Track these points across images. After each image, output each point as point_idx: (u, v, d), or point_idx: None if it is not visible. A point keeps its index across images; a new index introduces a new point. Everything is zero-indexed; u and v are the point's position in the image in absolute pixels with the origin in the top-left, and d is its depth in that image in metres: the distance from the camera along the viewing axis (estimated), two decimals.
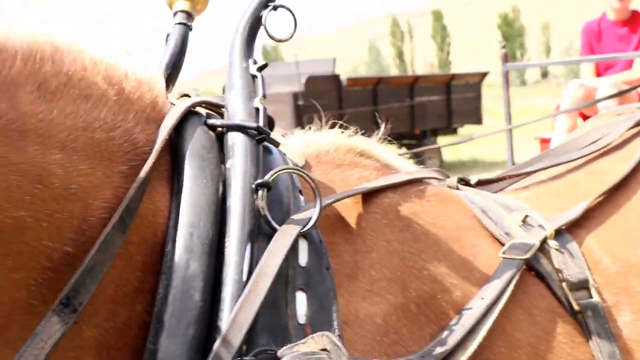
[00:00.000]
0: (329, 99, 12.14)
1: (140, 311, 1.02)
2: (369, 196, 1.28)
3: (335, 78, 12.96)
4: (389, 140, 1.46)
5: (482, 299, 1.22)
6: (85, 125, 1.01)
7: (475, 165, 14.43)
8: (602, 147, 1.70)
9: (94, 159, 1.00)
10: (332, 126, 1.40)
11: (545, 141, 6.20)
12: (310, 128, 1.40)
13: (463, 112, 14.91)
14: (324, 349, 0.99)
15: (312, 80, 12.20)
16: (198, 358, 0.99)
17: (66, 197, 0.97)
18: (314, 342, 1.00)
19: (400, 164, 1.42)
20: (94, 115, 1.02)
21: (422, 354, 1.13)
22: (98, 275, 0.96)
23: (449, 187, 1.47)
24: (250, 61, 1.24)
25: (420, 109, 13.97)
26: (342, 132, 1.39)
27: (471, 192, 1.49)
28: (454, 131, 15.29)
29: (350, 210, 1.24)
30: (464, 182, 1.56)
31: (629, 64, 5.43)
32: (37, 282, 0.95)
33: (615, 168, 1.61)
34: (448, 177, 1.50)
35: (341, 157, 1.34)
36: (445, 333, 1.17)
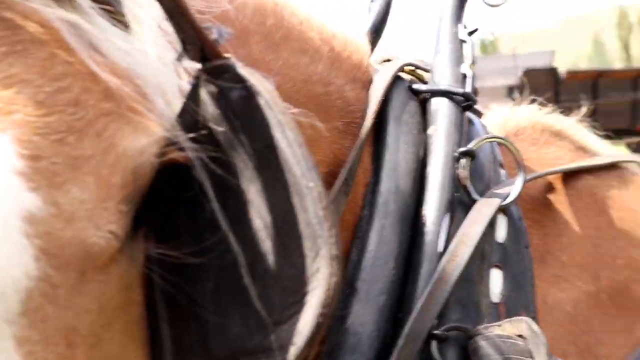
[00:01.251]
0: (547, 92, 11.73)
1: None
2: (564, 177, 1.20)
3: (553, 71, 12.54)
4: (606, 136, 1.39)
5: None
6: (306, 78, 1.00)
7: None
8: None
9: (314, 112, 0.97)
10: None
11: None
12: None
13: None
14: (521, 335, 0.92)
15: (529, 74, 11.91)
16: (387, 326, 0.95)
17: None
18: (511, 326, 0.94)
19: (598, 146, 1.32)
20: (312, 68, 1.02)
21: None
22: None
23: None
24: (460, 26, 1.20)
25: None
26: (539, 110, 1.33)
27: None
28: None
29: (542, 191, 1.18)
30: None
31: None
32: None
33: None
34: None
35: (537, 136, 1.28)
36: None
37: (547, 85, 12.10)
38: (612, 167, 1.26)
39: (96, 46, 0.60)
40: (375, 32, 1.27)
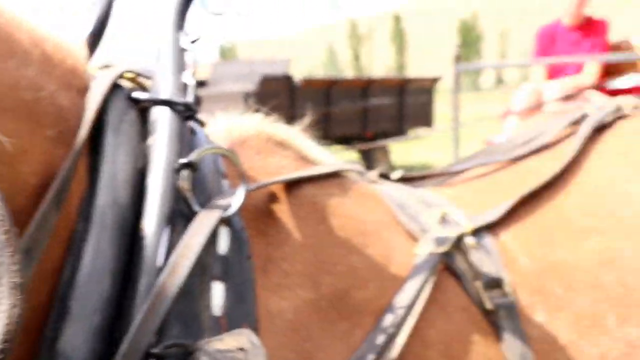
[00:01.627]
0: (282, 99, 12.09)
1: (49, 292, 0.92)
2: (286, 187, 1.22)
3: (289, 79, 12.88)
4: (339, 142, 1.44)
5: (400, 299, 1.17)
6: (14, 83, 0.91)
7: (425, 168, 14.50)
8: (535, 146, 1.66)
9: (22, 120, 0.91)
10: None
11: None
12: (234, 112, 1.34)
13: (415, 116, 14.94)
14: (242, 348, 0.91)
15: (265, 80, 12.13)
16: (103, 347, 0.89)
17: None
18: (232, 340, 0.92)
19: (320, 155, 1.36)
20: (21, 73, 0.93)
21: None
22: (34, 256, 0.86)
23: (369, 181, 1.41)
24: (182, 33, 1.17)
25: (372, 112, 13.96)
26: (264, 119, 1.33)
27: (391, 187, 1.43)
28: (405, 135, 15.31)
29: (265, 201, 1.18)
30: (385, 177, 1.50)
31: (580, 69, 5.44)
32: None
33: (545, 167, 1.57)
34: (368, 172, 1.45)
35: (262, 145, 1.27)
36: (367, 341, 1.12)
37: (283, 92, 12.38)
38: (334, 175, 1.30)
39: None
40: (95, 36, 1.21)
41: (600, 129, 1.72)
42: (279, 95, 12.10)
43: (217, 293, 1.01)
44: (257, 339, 0.93)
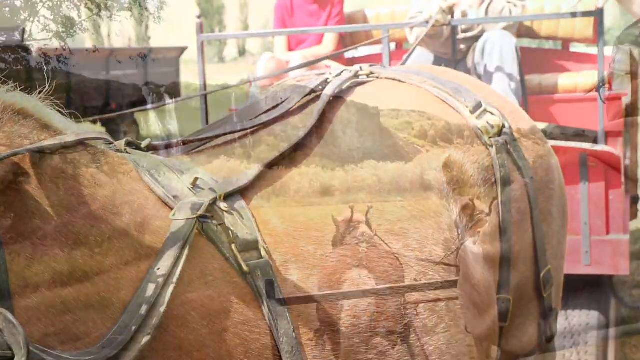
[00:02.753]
0: (18, 68, 11.46)
1: None
2: (32, 157, 1.17)
3: (25, 48, 12.22)
4: (82, 114, 1.40)
5: (158, 266, 1.18)
6: None
7: (172, 138, 14.50)
8: (280, 113, 1.72)
9: None
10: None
11: None
12: None
13: (161, 86, 14.77)
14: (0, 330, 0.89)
15: None
16: None
17: None
18: None
19: (64, 124, 1.32)
20: None
21: (102, 344, 1.08)
22: None
23: (117, 150, 1.40)
24: None
25: (116, 82, 13.62)
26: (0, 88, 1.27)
27: (139, 155, 1.43)
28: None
29: (9, 173, 1.13)
30: (134, 145, 1.49)
31: (319, 40, 5.64)
32: None
33: (290, 133, 1.64)
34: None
35: None
36: (128, 310, 1.12)
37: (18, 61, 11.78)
38: (81, 145, 1.27)
39: None
40: None
41: (339, 95, 1.81)
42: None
43: None
44: (13, 317, 0.91)
